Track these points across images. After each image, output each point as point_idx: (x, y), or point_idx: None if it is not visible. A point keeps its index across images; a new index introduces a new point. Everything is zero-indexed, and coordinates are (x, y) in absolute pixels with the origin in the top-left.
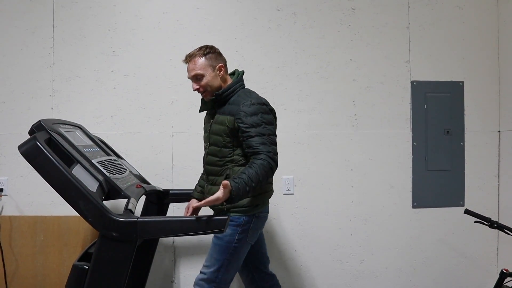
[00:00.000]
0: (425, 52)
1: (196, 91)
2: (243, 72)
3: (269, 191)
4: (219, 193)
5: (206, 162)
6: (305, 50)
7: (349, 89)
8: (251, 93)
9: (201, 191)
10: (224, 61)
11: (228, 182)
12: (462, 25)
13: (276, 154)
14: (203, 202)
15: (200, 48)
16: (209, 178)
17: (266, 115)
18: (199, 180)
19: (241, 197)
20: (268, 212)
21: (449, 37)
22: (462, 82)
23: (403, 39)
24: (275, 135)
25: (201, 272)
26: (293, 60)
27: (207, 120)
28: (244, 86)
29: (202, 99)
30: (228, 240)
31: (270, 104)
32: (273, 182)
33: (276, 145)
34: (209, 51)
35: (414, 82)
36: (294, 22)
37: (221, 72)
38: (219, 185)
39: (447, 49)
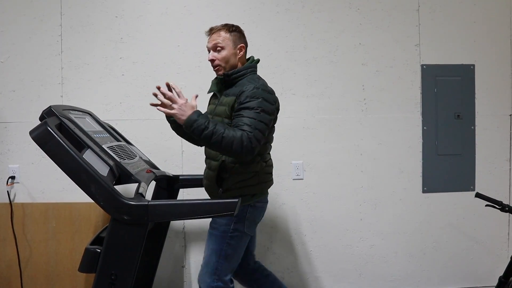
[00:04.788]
0: (435, 35)
1: (210, 63)
2: (258, 60)
3: (268, 181)
4: (183, 109)
5: None
6: (314, 34)
7: (358, 74)
8: (260, 79)
9: None
10: (246, 44)
11: (194, 111)
12: (473, 7)
13: (257, 140)
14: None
15: (227, 24)
16: (206, 161)
17: (267, 103)
18: None
19: (193, 131)
20: (267, 202)
21: (460, 19)
22: (473, 65)
23: (412, 22)
24: (267, 125)
25: (202, 267)
26: (301, 45)
27: (213, 102)
28: (255, 73)
29: (212, 81)
30: (224, 230)
31: (278, 92)
32: (273, 172)
33: (262, 133)
34: (235, 29)
35: (424, 65)
36: (302, 6)
37: (241, 53)
38: (213, 170)
39: (458, 32)
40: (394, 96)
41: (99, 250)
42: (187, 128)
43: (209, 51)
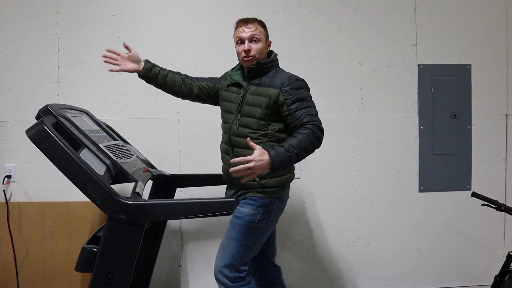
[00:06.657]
0: (432, 35)
1: (242, 53)
2: (277, 54)
3: (293, 172)
4: (259, 164)
5: (235, 134)
6: (311, 34)
7: (356, 73)
8: (285, 71)
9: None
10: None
11: (266, 150)
12: (469, 7)
13: (320, 122)
14: (243, 159)
15: (257, 18)
16: (235, 150)
17: (308, 91)
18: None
19: (282, 165)
20: (289, 196)
21: (457, 19)
22: (470, 65)
23: (409, 22)
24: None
25: (219, 257)
26: (298, 44)
27: (232, 90)
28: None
29: (230, 72)
30: (249, 220)
31: None
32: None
33: (318, 115)
34: (265, 26)
35: (421, 65)
36: (300, 6)
37: (269, 48)
38: None
39: (455, 32)
40: (391, 96)
41: (96, 250)
42: (279, 171)
43: (243, 41)
